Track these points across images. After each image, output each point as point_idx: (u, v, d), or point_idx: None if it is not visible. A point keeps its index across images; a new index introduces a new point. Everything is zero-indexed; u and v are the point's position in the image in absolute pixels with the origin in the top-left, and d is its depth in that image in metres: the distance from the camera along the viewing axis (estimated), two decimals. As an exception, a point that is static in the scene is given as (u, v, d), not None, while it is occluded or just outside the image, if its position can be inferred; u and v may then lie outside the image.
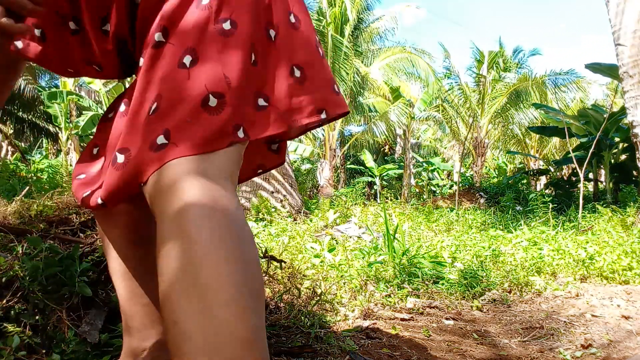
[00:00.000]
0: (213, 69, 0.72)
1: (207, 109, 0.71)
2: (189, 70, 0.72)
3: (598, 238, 3.75)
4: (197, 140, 0.70)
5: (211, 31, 0.74)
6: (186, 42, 0.73)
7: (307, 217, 6.94)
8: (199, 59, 0.72)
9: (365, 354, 1.49)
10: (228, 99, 0.72)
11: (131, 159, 0.73)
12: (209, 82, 0.72)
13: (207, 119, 0.71)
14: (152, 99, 0.72)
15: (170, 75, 0.72)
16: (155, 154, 0.70)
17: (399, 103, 14.77)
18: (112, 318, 1.28)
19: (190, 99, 0.71)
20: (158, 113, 0.71)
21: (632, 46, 4.62)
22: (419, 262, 2.83)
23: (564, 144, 17.12)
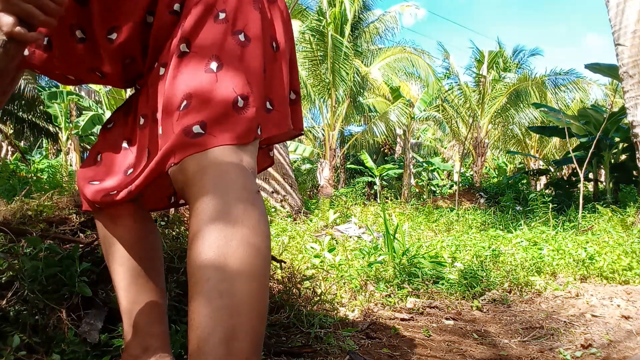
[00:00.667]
0: (238, 74, 0.82)
1: (236, 108, 0.80)
2: (217, 74, 0.81)
3: (598, 238, 3.75)
4: (235, 134, 0.79)
5: (230, 42, 0.84)
6: (210, 51, 0.82)
7: (307, 217, 6.94)
8: (224, 66, 0.82)
9: (365, 354, 1.49)
10: (251, 101, 0.82)
11: (165, 146, 0.80)
12: (236, 86, 0.81)
13: (238, 117, 0.80)
14: (182, 97, 0.80)
15: (198, 78, 0.80)
16: (191, 140, 0.77)
17: (399, 103, 14.76)
18: (111, 318, 1.28)
19: (221, 99, 0.80)
20: (190, 109, 0.79)
21: (632, 46, 4.61)
22: (419, 262, 2.83)
23: (564, 144, 17.11)
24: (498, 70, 16.52)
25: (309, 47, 12.46)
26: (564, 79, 14.74)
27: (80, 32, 0.91)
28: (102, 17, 0.89)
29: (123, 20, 0.88)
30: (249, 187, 0.76)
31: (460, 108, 15.72)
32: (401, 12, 16.21)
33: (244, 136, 0.80)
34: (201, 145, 0.77)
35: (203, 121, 0.78)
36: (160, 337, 0.99)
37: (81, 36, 0.92)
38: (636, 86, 4.62)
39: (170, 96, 0.81)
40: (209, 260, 0.68)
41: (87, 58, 0.94)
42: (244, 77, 0.83)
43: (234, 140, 0.79)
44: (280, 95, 0.93)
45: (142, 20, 0.89)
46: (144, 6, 0.88)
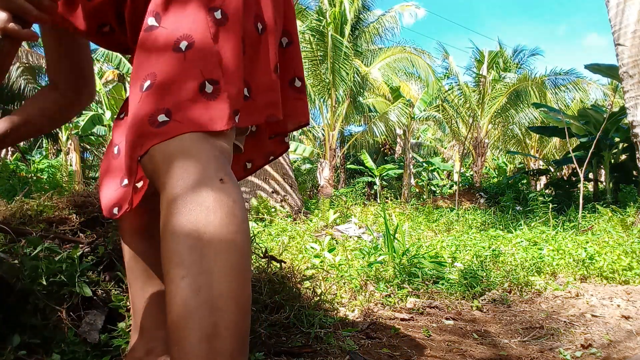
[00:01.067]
0: (208, 56, 0.75)
1: (204, 93, 0.74)
2: (185, 54, 0.74)
3: (598, 238, 3.75)
4: (202, 121, 0.73)
5: (204, 19, 0.76)
6: (180, 28, 0.75)
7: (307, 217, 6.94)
8: (194, 46, 0.74)
9: (365, 354, 1.49)
10: (222, 86, 0.75)
11: (129, 134, 0.75)
12: (205, 69, 0.74)
13: (206, 103, 0.74)
14: (145, 76, 0.74)
15: (164, 57, 0.74)
16: (156, 129, 0.72)
17: (399, 103, 14.76)
18: (111, 318, 1.28)
19: (187, 82, 0.73)
20: (153, 91, 0.73)
21: (632, 46, 4.61)
22: (419, 262, 2.83)
23: (564, 144, 17.11)
24: (498, 70, 16.52)
25: (309, 47, 12.46)
26: (564, 79, 14.75)
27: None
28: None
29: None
30: (220, 174, 0.70)
31: (460, 108, 15.72)
32: (401, 12, 16.21)
33: (212, 123, 0.73)
34: (166, 133, 0.72)
35: (168, 108, 0.73)
36: (165, 340, 0.98)
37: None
38: (636, 86, 4.62)
39: (134, 77, 0.76)
40: (183, 256, 0.65)
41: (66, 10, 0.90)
42: (215, 59, 0.76)
43: (201, 127, 0.73)
44: (262, 83, 0.85)
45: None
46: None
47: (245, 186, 7.61)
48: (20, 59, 11.87)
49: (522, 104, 14.71)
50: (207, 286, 0.63)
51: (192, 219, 0.66)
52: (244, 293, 0.67)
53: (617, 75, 5.14)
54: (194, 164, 0.70)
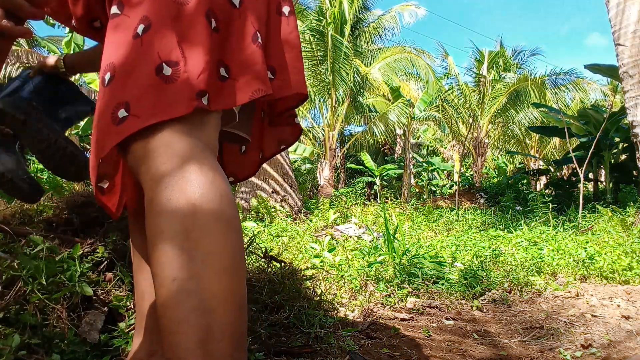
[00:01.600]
0: (167, 37, 0.71)
1: (162, 77, 0.69)
2: (142, 38, 0.71)
3: (598, 238, 3.75)
4: (160, 108, 0.68)
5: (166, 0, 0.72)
6: (140, 11, 0.72)
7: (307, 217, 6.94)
8: (151, 27, 0.71)
9: (365, 354, 1.49)
10: (182, 67, 0.70)
11: (93, 132, 0.72)
12: (162, 51, 0.70)
13: (164, 87, 0.69)
14: (105, 68, 0.71)
15: (123, 45, 0.71)
16: (117, 127, 0.69)
17: (399, 103, 14.75)
18: (112, 318, 1.28)
19: (144, 68, 0.70)
20: (113, 84, 0.70)
21: (633, 46, 4.61)
22: (419, 262, 2.83)
23: (564, 144, 17.11)
24: (498, 70, 16.52)
25: (308, 47, 12.45)
26: (564, 79, 14.74)
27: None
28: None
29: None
30: (192, 166, 0.66)
31: (460, 108, 15.72)
32: (401, 12, 16.21)
33: (171, 109, 0.68)
34: (125, 130, 0.68)
35: (127, 101, 0.69)
36: None
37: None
38: (636, 86, 4.62)
39: (100, 69, 0.73)
40: (172, 257, 0.62)
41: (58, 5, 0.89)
42: (174, 39, 0.71)
43: (160, 116, 0.68)
44: (240, 59, 0.77)
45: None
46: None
47: (245, 186, 7.61)
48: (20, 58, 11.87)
49: (522, 104, 14.71)
50: (199, 288, 0.61)
51: (178, 219, 0.63)
52: (238, 292, 0.64)
53: (617, 75, 5.14)
54: (162, 163, 0.66)
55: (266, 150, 1.06)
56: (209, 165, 0.68)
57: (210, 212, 0.65)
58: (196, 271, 0.62)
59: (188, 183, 0.65)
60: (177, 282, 0.61)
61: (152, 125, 0.68)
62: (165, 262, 0.62)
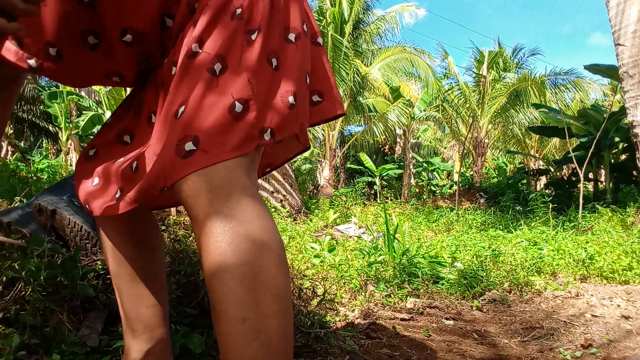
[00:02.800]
0: (240, 75, 0.74)
1: (233, 115, 0.73)
2: (218, 78, 0.74)
3: (598, 238, 3.75)
4: (231, 145, 0.72)
5: (240, 41, 0.76)
6: (218, 52, 0.75)
7: (307, 217, 6.94)
8: (228, 67, 0.74)
9: (365, 354, 1.49)
10: (252, 104, 0.74)
11: (155, 163, 0.74)
12: (235, 90, 0.74)
13: (234, 125, 0.73)
14: (180, 103, 0.74)
15: (199, 82, 0.74)
16: (182, 160, 0.71)
17: (399, 103, 14.76)
18: (111, 320, 1.28)
19: (218, 107, 0.73)
20: (184, 117, 0.73)
21: (633, 46, 4.61)
22: (419, 262, 2.83)
23: (564, 144, 17.11)
24: (498, 70, 16.51)
25: (309, 47, 12.45)
26: (564, 79, 14.73)
27: (93, 38, 0.84)
28: (115, 17, 0.82)
29: (136, 20, 0.81)
30: (254, 210, 0.71)
31: (460, 108, 15.72)
32: (401, 12, 16.21)
33: (240, 146, 0.72)
34: (192, 165, 0.71)
35: (196, 135, 0.71)
36: (160, 340, 0.98)
37: (94, 42, 0.85)
38: (636, 86, 4.62)
39: (170, 101, 0.76)
40: (241, 297, 0.67)
41: (103, 63, 0.88)
42: (245, 78, 0.75)
43: (229, 153, 0.71)
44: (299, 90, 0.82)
45: (157, 19, 0.82)
46: (157, 5, 0.81)
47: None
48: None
49: (522, 104, 14.71)
50: (265, 329, 0.67)
51: (245, 260, 0.68)
52: (290, 330, 0.71)
53: (617, 76, 5.14)
54: (224, 200, 0.70)
55: (274, 164, 1.07)
56: (267, 211, 0.74)
57: (275, 257, 0.70)
58: (263, 312, 0.67)
59: (252, 226, 0.70)
60: (248, 323, 0.66)
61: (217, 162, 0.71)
62: (235, 300, 0.67)
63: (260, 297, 0.67)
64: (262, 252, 0.69)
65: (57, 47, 0.84)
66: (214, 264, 0.68)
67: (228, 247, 0.68)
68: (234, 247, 0.68)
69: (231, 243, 0.68)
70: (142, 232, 0.99)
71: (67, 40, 0.84)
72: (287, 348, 0.69)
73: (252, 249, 0.68)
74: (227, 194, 0.70)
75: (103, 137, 0.94)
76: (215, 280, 0.68)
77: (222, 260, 0.68)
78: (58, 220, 1.34)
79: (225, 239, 0.68)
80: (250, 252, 0.68)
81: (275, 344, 0.67)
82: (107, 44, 0.85)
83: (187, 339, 1.23)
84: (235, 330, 0.66)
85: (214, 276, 0.68)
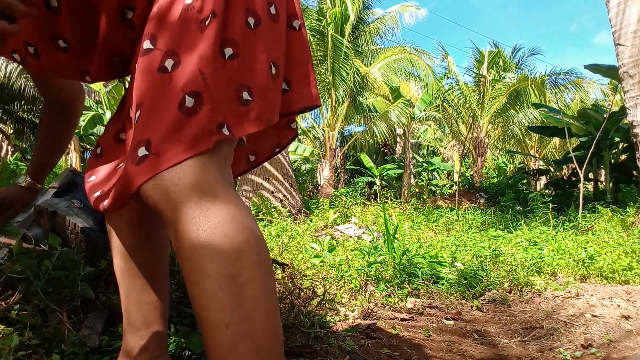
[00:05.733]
0: (191, 67, 0.70)
1: (184, 110, 0.68)
2: (171, 74, 0.70)
3: (598, 238, 3.75)
4: (184, 145, 0.67)
5: (193, 30, 0.71)
6: (169, 46, 0.71)
7: (307, 217, 6.94)
8: (180, 61, 0.70)
9: (365, 354, 1.49)
10: (205, 96, 0.69)
11: (121, 173, 0.73)
12: (185, 83, 0.69)
13: (187, 121, 0.68)
14: (136, 106, 0.71)
15: (151, 82, 0.70)
16: (137, 167, 0.68)
17: (399, 103, 14.75)
18: (112, 321, 1.28)
19: (168, 104, 0.69)
20: (139, 121, 0.70)
21: (633, 46, 4.61)
22: (419, 262, 2.83)
23: (564, 144, 17.11)
24: (498, 70, 16.51)
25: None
26: (564, 78, 14.73)
27: (63, 42, 0.88)
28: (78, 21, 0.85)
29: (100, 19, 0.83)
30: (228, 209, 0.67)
31: (460, 108, 15.72)
32: (401, 12, 16.21)
33: (196, 144, 0.68)
34: (145, 172, 0.67)
35: (149, 139, 0.67)
36: (158, 338, 0.98)
37: (64, 45, 0.88)
38: (636, 86, 4.62)
39: (130, 104, 0.73)
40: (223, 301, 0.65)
41: (75, 63, 0.91)
42: (195, 69, 0.69)
43: (183, 154, 0.67)
44: (262, 82, 0.76)
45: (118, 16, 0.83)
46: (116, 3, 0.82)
47: (248, 185, 7.61)
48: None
49: (522, 104, 14.70)
50: (251, 331, 0.65)
51: (222, 263, 0.65)
52: (279, 329, 0.69)
53: (617, 75, 5.14)
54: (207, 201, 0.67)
55: (259, 154, 1.05)
56: (243, 206, 0.70)
57: (254, 257, 0.68)
58: (246, 314, 0.65)
59: (228, 227, 0.67)
60: (232, 327, 0.64)
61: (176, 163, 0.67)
62: (216, 306, 0.65)
63: (242, 300, 0.65)
64: (238, 253, 0.66)
65: (34, 46, 0.89)
66: (191, 271, 0.66)
67: (203, 252, 0.65)
68: (209, 252, 0.65)
69: (205, 248, 0.65)
70: (150, 228, 0.99)
71: (41, 41, 0.88)
72: (277, 348, 0.68)
73: (227, 252, 0.65)
74: (196, 196, 0.67)
75: (106, 135, 0.95)
76: (194, 288, 0.66)
77: (198, 266, 0.65)
78: (58, 222, 1.34)
79: (199, 244, 0.65)
80: (226, 255, 0.65)
81: (266, 345, 0.66)
82: (77, 46, 0.88)
83: (187, 339, 1.23)
84: (220, 336, 0.64)
85: (193, 284, 0.66)
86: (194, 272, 0.66)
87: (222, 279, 0.65)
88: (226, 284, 0.65)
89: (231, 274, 0.65)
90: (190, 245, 0.66)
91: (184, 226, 0.66)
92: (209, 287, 0.65)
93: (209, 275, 0.65)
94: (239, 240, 0.67)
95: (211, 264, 0.65)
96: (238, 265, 0.66)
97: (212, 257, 0.65)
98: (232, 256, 0.66)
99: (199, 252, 0.65)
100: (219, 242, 0.65)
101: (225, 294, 0.65)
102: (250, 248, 0.67)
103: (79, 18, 0.85)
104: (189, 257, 0.66)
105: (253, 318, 0.66)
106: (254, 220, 0.72)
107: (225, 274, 0.65)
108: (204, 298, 0.65)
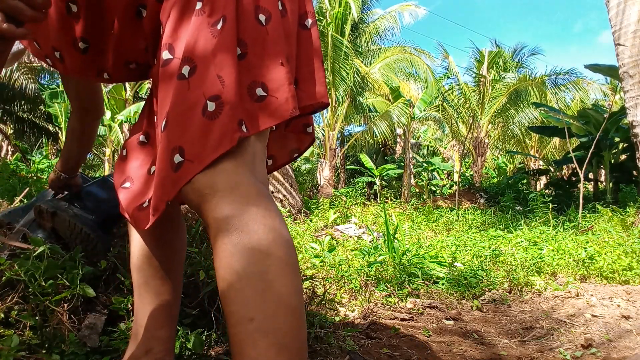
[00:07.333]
0: (208, 73, 0.73)
1: (207, 115, 0.72)
2: (189, 80, 0.73)
3: (598, 238, 3.75)
4: (208, 150, 0.71)
5: (205, 35, 0.74)
6: (183, 52, 0.74)
7: (307, 217, 6.94)
8: (197, 67, 0.73)
9: (365, 354, 1.49)
10: (224, 98, 0.72)
11: (156, 177, 0.76)
12: (206, 89, 0.72)
13: (212, 125, 0.71)
14: (163, 114, 0.74)
15: (172, 90, 0.73)
16: (175, 174, 0.72)
17: (399, 103, 14.75)
18: (112, 321, 1.28)
19: (192, 111, 0.72)
20: (168, 130, 0.73)
21: (633, 46, 4.61)
22: (419, 262, 2.83)
23: (564, 144, 17.11)
24: (498, 70, 16.51)
25: (309, 47, 12.43)
26: (564, 78, 14.73)
27: (83, 43, 0.93)
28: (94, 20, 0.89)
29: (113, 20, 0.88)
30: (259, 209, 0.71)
31: (460, 108, 15.71)
32: (401, 11, 16.20)
33: (221, 143, 0.71)
34: (183, 177, 0.71)
35: (181, 146, 0.72)
36: (164, 340, 0.98)
37: (84, 46, 0.93)
38: (636, 86, 4.62)
39: (157, 112, 0.77)
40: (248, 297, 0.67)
41: (92, 61, 0.96)
42: (214, 74, 0.72)
43: (210, 156, 0.71)
44: (277, 77, 0.78)
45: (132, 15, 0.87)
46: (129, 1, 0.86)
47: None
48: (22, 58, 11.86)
49: (522, 103, 14.70)
50: (275, 329, 0.67)
51: (252, 261, 0.68)
52: (304, 329, 0.70)
53: (617, 75, 5.14)
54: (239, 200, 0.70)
55: (277, 158, 1.07)
56: (274, 208, 0.73)
57: (281, 255, 0.70)
58: (271, 311, 0.67)
59: (259, 226, 0.70)
60: (255, 322, 0.66)
61: (209, 165, 0.71)
62: (242, 300, 0.67)
63: (267, 297, 0.67)
64: (267, 252, 0.69)
65: (59, 51, 0.96)
66: (223, 267, 0.69)
67: (234, 250, 0.68)
68: (239, 249, 0.68)
69: (236, 246, 0.68)
70: (170, 229, 1.00)
71: (63, 46, 0.94)
72: (300, 347, 0.69)
73: (256, 250, 0.68)
74: (229, 197, 0.70)
75: (131, 137, 0.97)
76: (223, 282, 0.69)
77: (228, 263, 0.69)
78: (58, 222, 1.34)
79: (230, 242, 0.69)
80: (255, 253, 0.68)
81: (288, 343, 0.67)
82: (96, 46, 0.93)
83: (187, 339, 1.23)
84: (243, 329, 0.66)
85: (224, 280, 0.69)
86: (224, 269, 0.69)
87: (250, 274, 0.67)
88: (253, 280, 0.67)
89: (259, 271, 0.68)
90: (222, 243, 0.69)
91: (218, 226, 0.70)
92: (236, 283, 0.68)
93: (237, 272, 0.68)
94: (267, 239, 0.69)
95: (240, 262, 0.68)
96: (266, 263, 0.68)
97: (242, 255, 0.68)
98: (260, 254, 0.68)
99: (230, 250, 0.69)
100: (247, 241, 0.68)
101: (252, 289, 0.67)
102: (278, 247, 0.70)
103: (95, 16, 0.90)
104: (222, 256, 0.69)
105: (277, 315, 0.67)
106: (284, 221, 0.74)
107: (253, 271, 0.68)
108: (231, 292, 0.68)
